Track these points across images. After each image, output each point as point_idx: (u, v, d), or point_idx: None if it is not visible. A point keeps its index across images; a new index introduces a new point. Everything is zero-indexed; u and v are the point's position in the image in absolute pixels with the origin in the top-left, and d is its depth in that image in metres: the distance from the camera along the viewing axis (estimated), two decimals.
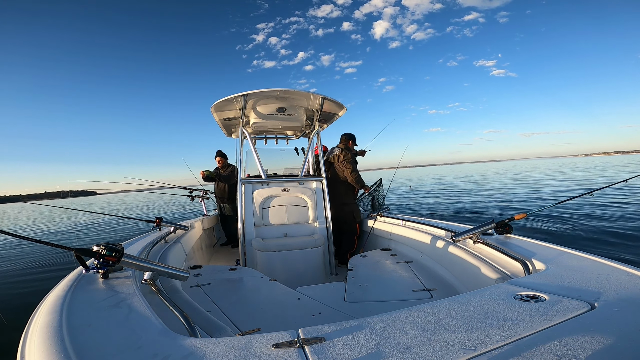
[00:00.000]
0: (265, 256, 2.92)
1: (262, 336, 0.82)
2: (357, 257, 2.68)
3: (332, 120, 3.73)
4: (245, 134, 3.45)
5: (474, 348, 0.72)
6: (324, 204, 3.31)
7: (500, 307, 0.94)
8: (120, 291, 1.19)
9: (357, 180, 3.61)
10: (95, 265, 1.29)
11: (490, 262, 1.70)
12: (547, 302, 0.95)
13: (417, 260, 2.48)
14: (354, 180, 3.60)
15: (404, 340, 0.77)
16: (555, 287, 1.08)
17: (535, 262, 1.44)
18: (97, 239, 8.02)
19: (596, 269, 1.24)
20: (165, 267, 1.44)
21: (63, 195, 4.42)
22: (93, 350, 0.78)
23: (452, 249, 2.05)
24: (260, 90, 2.93)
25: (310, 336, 0.80)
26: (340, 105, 3.30)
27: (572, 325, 0.81)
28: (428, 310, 0.94)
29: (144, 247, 2.07)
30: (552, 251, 1.55)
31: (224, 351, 0.76)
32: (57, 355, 0.75)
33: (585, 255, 1.41)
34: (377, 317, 0.90)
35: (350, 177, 3.59)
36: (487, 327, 0.82)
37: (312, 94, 3.02)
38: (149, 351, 0.77)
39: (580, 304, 0.92)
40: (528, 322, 0.83)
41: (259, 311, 1.67)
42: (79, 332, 0.87)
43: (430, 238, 2.40)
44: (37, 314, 1.02)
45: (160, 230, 2.78)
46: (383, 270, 2.33)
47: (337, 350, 0.74)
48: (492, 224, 1.96)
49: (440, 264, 2.20)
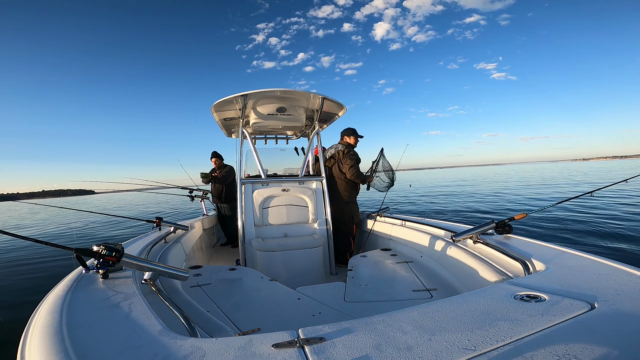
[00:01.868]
0: (265, 256, 2.92)
1: (262, 336, 0.82)
2: (357, 257, 2.68)
3: (332, 120, 3.73)
4: (245, 134, 3.45)
5: (474, 348, 0.72)
6: (324, 204, 3.31)
7: (501, 307, 0.94)
8: (120, 291, 1.19)
9: (357, 175, 3.46)
10: (95, 265, 1.30)
11: (490, 262, 1.70)
12: (547, 302, 0.95)
13: (417, 260, 2.48)
14: (353, 175, 3.45)
15: (404, 340, 0.77)
16: (555, 287, 1.08)
17: (535, 262, 1.44)
18: (96, 239, 8.03)
19: (596, 269, 1.24)
20: (165, 267, 1.44)
21: (62, 194, 4.43)
22: (93, 350, 0.78)
23: (452, 249, 2.05)
24: (260, 90, 2.93)
25: (310, 336, 0.80)
26: (340, 105, 3.30)
27: (572, 325, 0.81)
28: (428, 310, 0.94)
29: (144, 247, 2.07)
30: (552, 251, 1.55)
31: (224, 351, 0.76)
32: (57, 355, 0.75)
33: (585, 255, 1.41)
34: (377, 317, 0.90)
35: (349, 173, 3.45)
36: (487, 327, 0.82)
37: (312, 94, 3.02)
38: (149, 351, 0.77)
39: (580, 304, 0.92)
40: (528, 322, 0.83)
41: (259, 311, 1.67)
42: (79, 332, 0.87)
43: (430, 238, 2.40)
44: (38, 314, 1.02)
45: (160, 230, 2.78)
46: (383, 270, 2.33)
47: (337, 350, 0.74)
48: (492, 224, 1.96)
49: (440, 264, 2.20)
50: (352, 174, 3.46)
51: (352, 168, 3.45)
